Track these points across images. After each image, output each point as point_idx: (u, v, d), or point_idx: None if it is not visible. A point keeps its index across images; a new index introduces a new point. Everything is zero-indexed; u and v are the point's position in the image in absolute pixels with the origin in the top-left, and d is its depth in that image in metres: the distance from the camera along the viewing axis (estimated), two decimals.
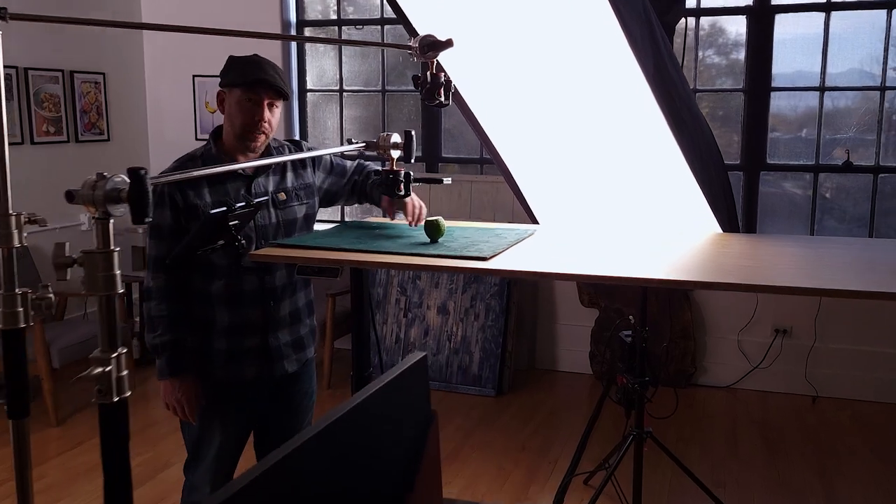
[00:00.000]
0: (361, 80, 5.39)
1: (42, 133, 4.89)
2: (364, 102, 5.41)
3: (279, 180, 2.28)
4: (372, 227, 2.35)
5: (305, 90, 5.47)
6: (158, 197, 2.15)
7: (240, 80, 2.13)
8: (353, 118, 5.43)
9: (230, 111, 2.17)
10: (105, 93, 5.32)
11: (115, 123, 5.41)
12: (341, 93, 5.39)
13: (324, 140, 5.52)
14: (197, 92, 5.53)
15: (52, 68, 4.92)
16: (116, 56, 5.39)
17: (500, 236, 2.20)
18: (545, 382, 4.86)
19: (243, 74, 2.12)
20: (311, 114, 5.51)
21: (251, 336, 2.25)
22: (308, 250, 2.00)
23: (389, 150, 2.03)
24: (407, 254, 1.94)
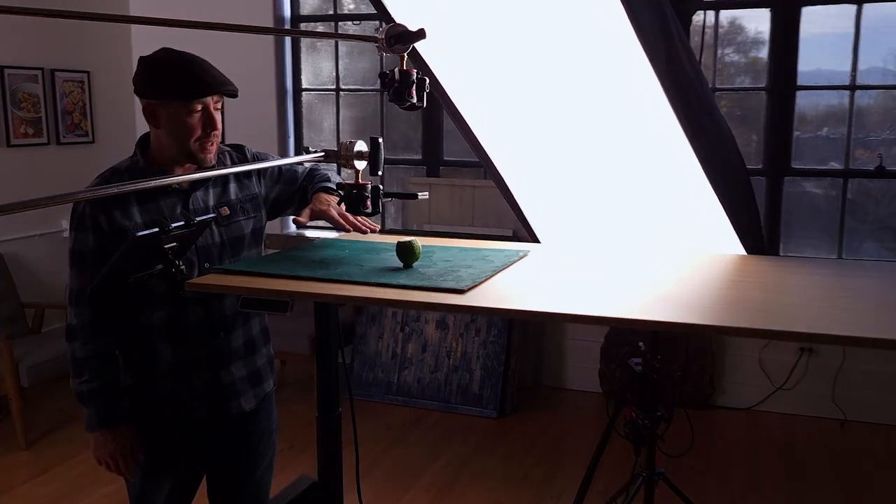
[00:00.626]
0: (358, 78, 5.09)
1: (20, 135, 4.63)
2: (361, 102, 5.12)
3: (220, 193, 1.99)
4: (340, 246, 2.05)
5: (300, 89, 5.19)
6: (79, 219, 1.86)
7: (183, 92, 1.81)
8: (349, 119, 5.14)
9: (171, 127, 1.84)
10: (90, 92, 5.05)
11: (101, 125, 5.15)
12: (338, 92, 5.10)
13: (319, 143, 5.23)
14: None
15: (31, 66, 4.66)
16: (102, 54, 5.12)
17: (486, 259, 1.89)
18: (551, 401, 4.54)
19: (182, 82, 1.81)
20: (305, 114, 5.22)
21: (200, 372, 1.96)
22: (257, 278, 1.70)
23: (353, 161, 1.72)
24: (371, 283, 1.63)
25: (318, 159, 1.71)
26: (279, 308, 1.60)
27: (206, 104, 1.84)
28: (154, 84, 1.84)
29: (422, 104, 1.69)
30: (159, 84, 1.83)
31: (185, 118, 1.83)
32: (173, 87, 1.81)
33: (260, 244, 2.08)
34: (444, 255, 1.95)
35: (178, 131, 1.84)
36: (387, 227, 5.05)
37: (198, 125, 1.84)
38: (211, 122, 1.86)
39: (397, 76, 1.62)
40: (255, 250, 2.05)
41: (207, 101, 1.85)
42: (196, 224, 1.72)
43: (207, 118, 1.86)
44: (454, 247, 2.05)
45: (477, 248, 2.04)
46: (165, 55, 1.87)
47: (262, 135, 5.07)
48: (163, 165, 1.91)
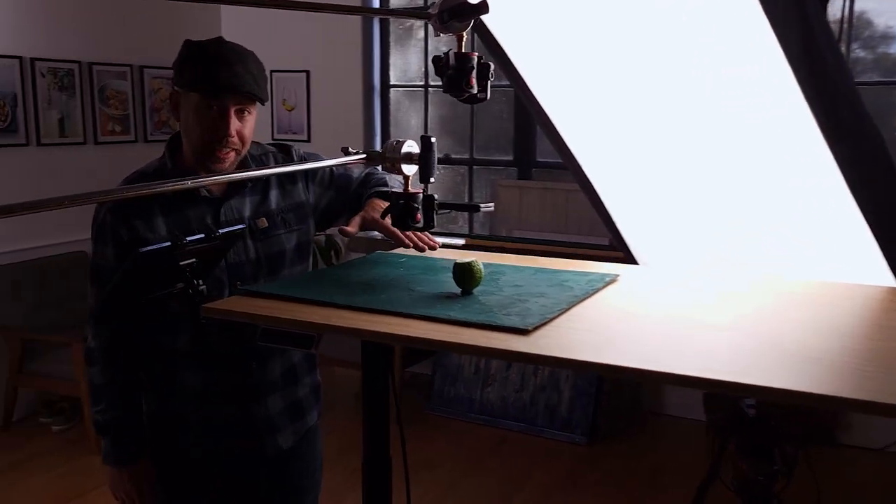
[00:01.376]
0: None
1: (107, 132, 4.59)
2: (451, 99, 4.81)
3: (259, 201, 1.73)
4: (396, 263, 1.75)
5: (388, 86, 4.95)
6: (98, 230, 1.67)
7: (198, 82, 1.59)
8: (437, 117, 4.86)
9: (186, 120, 1.64)
10: None
11: None
12: (426, 88, 4.83)
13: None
14: (274, 89, 5.11)
15: (119, 63, 4.61)
16: None
17: (564, 285, 1.55)
18: (649, 429, 4.12)
19: (203, 74, 1.59)
20: (392, 112, 4.98)
21: (229, 405, 1.71)
22: (284, 303, 1.42)
23: (400, 164, 1.42)
24: (417, 316, 1.33)
25: (357, 162, 1.41)
26: (302, 343, 1.32)
27: (223, 105, 1.60)
28: (181, 68, 1.63)
29: (484, 96, 1.37)
30: (185, 70, 1.62)
31: (199, 115, 1.61)
32: (193, 76, 1.60)
33: (306, 260, 1.81)
34: (513, 277, 1.63)
35: (190, 126, 1.63)
36: (475, 231, 4.74)
37: (209, 127, 1.61)
38: (223, 127, 1.61)
39: (452, 61, 1.30)
40: (300, 268, 1.79)
41: (226, 104, 1.61)
42: (218, 237, 1.46)
43: (221, 121, 1.61)
44: (528, 267, 1.72)
45: (555, 269, 1.70)
46: (209, 43, 1.64)
47: (346, 134, 4.86)
48: (193, 170, 1.69)
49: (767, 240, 2.05)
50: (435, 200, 1.45)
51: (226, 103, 1.59)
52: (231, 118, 1.60)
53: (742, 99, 1.78)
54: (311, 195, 1.81)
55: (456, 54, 1.31)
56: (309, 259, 1.83)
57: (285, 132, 5.14)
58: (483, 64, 1.34)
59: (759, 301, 1.51)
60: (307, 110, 5.04)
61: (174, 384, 1.71)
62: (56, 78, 4.26)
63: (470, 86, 1.32)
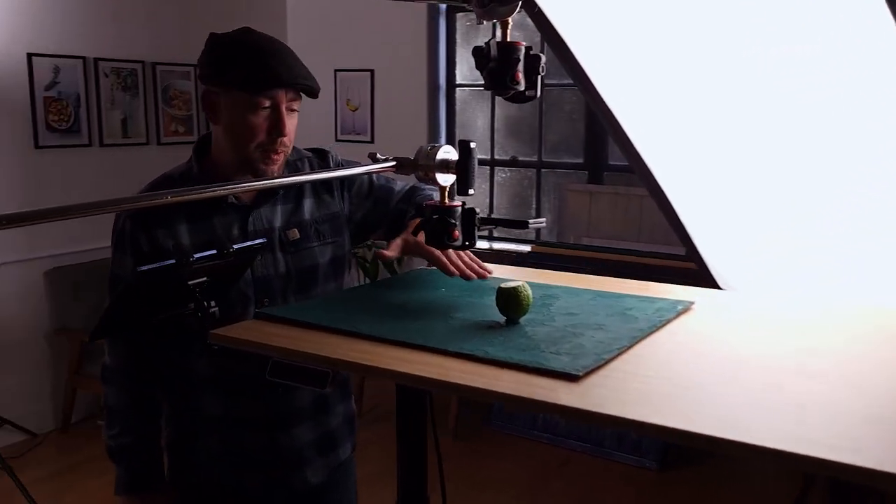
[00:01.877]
0: None
1: (170, 133, 4.55)
2: None
3: (292, 210, 1.58)
4: (437, 283, 1.55)
5: (454, 85, 4.77)
6: (118, 237, 1.54)
7: (248, 78, 1.43)
8: (504, 117, 4.65)
9: (230, 122, 1.48)
10: None
11: None
12: None
13: None
14: (338, 88, 5.00)
15: (183, 63, 4.56)
16: None
17: (627, 315, 1.33)
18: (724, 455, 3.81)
19: (252, 68, 1.43)
20: (458, 112, 4.79)
21: (253, 434, 1.56)
22: (303, 330, 1.25)
23: (435, 173, 1.22)
24: (449, 352, 1.13)
25: (387, 169, 1.23)
26: (315, 381, 1.14)
27: (276, 101, 1.45)
28: (218, 66, 1.46)
29: (534, 93, 1.16)
30: (224, 66, 1.45)
31: (248, 115, 1.45)
32: (239, 72, 1.43)
33: (341, 277, 1.64)
34: (568, 303, 1.41)
35: (237, 130, 1.47)
36: (541, 238, 4.52)
37: (262, 126, 1.45)
38: (278, 126, 1.46)
39: (494, 51, 1.10)
40: (334, 284, 1.62)
41: (279, 98, 1.45)
42: (232, 253, 1.30)
43: (276, 119, 1.46)
44: (586, 291, 1.50)
45: (618, 294, 1.48)
46: (240, 34, 1.49)
47: (410, 135, 4.70)
48: (221, 175, 1.53)
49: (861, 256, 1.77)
50: (477, 215, 1.25)
51: (279, 98, 1.44)
52: (284, 114, 1.46)
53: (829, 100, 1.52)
54: (347, 205, 1.64)
55: (498, 44, 1.11)
56: (344, 275, 1.66)
57: (349, 133, 5.02)
58: (532, 56, 1.14)
59: (867, 337, 1.25)
60: (371, 110, 4.90)
61: (194, 409, 1.57)
62: (119, 78, 4.24)
63: (515, 81, 1.11)
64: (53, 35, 3.90)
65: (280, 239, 1.55)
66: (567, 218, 4.26)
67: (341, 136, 5.04)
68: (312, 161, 1.65)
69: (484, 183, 4.74)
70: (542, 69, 1.14)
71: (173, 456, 1.61)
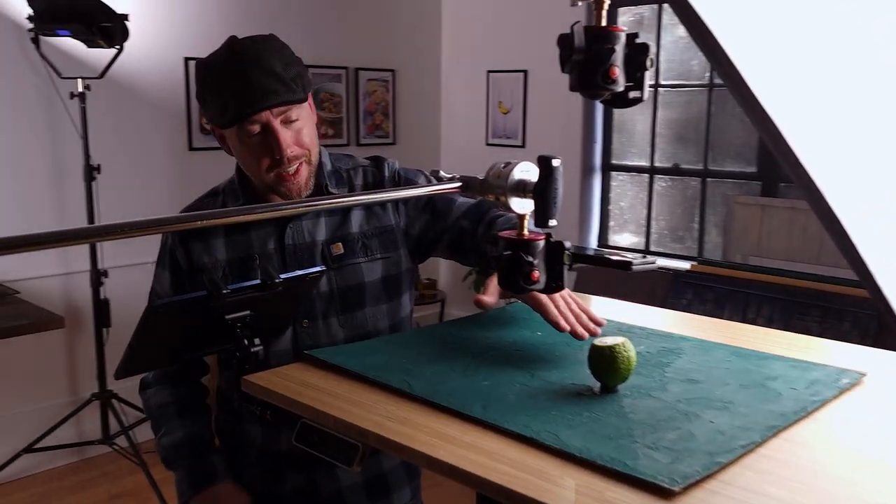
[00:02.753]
0: (683, 72, 4.16)
1: (320, 135, 4.52)
2: (685, 100, 4.18)
3: (338, 222, 1.41)
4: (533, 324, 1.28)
5: None
6: (161, 250, 1.46)
7: (223, 115, 1.30)
8: (668, 120, 4.24)
9: (236, 154, 1.38)
10: (394, 92, 4.83)
11: (403, 126, 4.91)
12: (656, 88, 4.23)
13: (628, 151, 4.41)
14: (490, 90, 4.80)
15: (335, 65, 4.53)
16: (409, 51, 4.87)
17: (768, 388, 1.00)
18: None
19: (222, 103, 1.29)
20: (616, 115, 4.43)
21: (292, 473, 1.39)
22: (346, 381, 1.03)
23: (508, 197, 0.95)
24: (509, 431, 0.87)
25: (452, 191, 0.98)
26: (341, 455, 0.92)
27: (264, 123, 1.30)
28: (202, 102, 1.35)
29: (639, 95, 0.87)
30: (205, 102, 1.34)
31: (243, 145, 1.32)
32: (215, 110, 1.31)
33: (396, 297, 1.43)
34: (692, 363, 1.10)
35: (244, 162, 1.36)
36: (704, 255, 4.06)
37: (261, 151, 1.31)
38: (275, 147, 1.30)
39: (580, 40, 0.82)
40: (386, 305, 1.42)
41: (265, 119, 1.30)
42: (279, 284, 1.11)
43: (270, 141, 1.31)
44: (720, 346, 1.18)
45: (762, 354, 1.14)
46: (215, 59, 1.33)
47: (563, 140, 4.41)
48: (260, 190, 1.42)
49: None
50: (566, 251, 0.97)
51: (263, 118, 1.29)
52: (279, 133, 1.30)
53: None
54: (403, 218, 1.45)
55: (587, 30, 0.83)
56: (402, 296, 1.45)
57: (499, 136, 4.80)
58: (637, 45, 0.85)
59: None
60: (523, 113, 4.65)
61: (238, 438, 1.44)
62: None
63: (610, 79, 0.83)
64: (210, 39, 3.96)
65: (323, 254, 1.39)
66: (734, 234, 3.79)
67: (492, 140, 4.83)
68: (367, 171, 1.48)
69: (642, 192, 4.35)
70: (649, 63, 0.85)
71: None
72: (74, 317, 3.51)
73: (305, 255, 1.38)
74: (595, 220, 4.54)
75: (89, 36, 3.09)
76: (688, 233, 4.20)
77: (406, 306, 1.45)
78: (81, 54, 3.33)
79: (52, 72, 3.22)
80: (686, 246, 4.20)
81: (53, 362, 3.52)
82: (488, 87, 4.81)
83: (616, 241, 4.50)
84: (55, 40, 3.23)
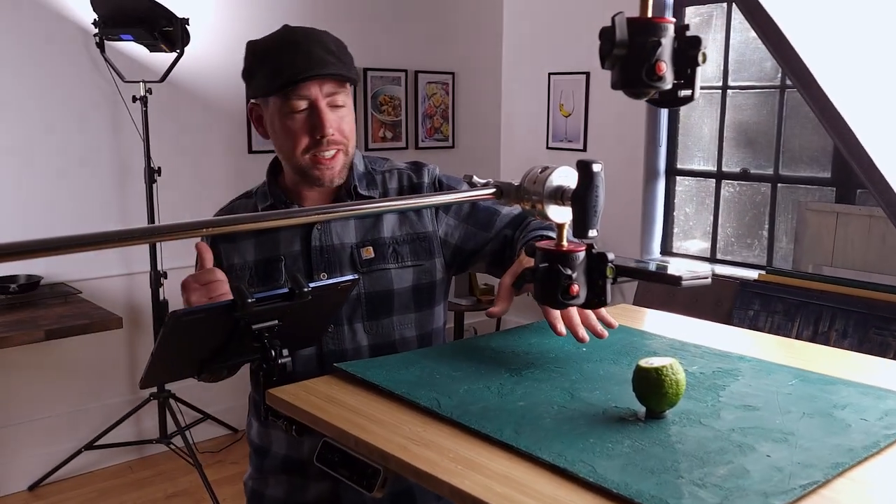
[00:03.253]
0: (753, 72, 3.99)
1: (378, 139, 4.52)
2: (755, 103, 4.01)
3: (370, 225, 1.36)
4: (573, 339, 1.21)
5: None
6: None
7: (272, 81, 1.27)
8: (736, 123, 4.07)
9: (273, 133, 1.33)
10: (453, 95, 4.78)
11: (462, 129, 4.86)
12: (724, 90, 4.07)
13: (693, 155, 4.25)
14: (551, 92, 4.70)
15: (394, 68, 4.51)
16: (469, 54, 4.82)
17: (835, 419, 0.91)
18: None
19: (273, 69, 1.26)
20: (682, 118, 4.29)
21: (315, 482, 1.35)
22: (373, 397, 0.98)
23: (544, 206, 0.88)
24: (543, 462, 0.80)
25: (486, 197, 0.91)
26: (361, 479, 0.86)
27: (311, 99, 1.27)
28: (248, 75, 1.32)
29: (690, 94, 0.79)
30: (252, 75, 1.31)
31: (286, 121, 1.28)
32: (264, 77, 1.28)
33: (427, 307, 1.38)
34: (750, 387, 1.01)
35: (281, 139, 1.32)
36: (774, 262, 3.89)
37: (302, 129, 1.28)
38: (319, 125, 1.27)
39: (622, 34, 0.75)
40: (415, 315, 1.36)
41: (313, 95, 1.26)
42: (308, 294, 1.06)
43: (314, 118, 1.27)
44: (785, 369, 1.08)
45: (831, 378, 1.04)
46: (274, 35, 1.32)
47: (626, 143, 4.29)
48: (290, 192, 1.39)
49: None
50: (609, 263, 0.90)
51: (312, 94, 1.26)
52: (324, 112, 1.27)
53: None
54: (441, 227, 1.38)
55: (630, 21, 0.75)
56: (436, 307, 1.40)
57: (560, 140, 4.70)
58: (688, 39, 0.77)
59: None
60: (585, 116, 4.54)
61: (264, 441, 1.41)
62: None
63: (656, 76, 0.75)
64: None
65: (352, 257, 1.34)
66: (806, 242, 3.61)
67: (552, 144, 4.74)
68: (404, 174, 1.42)
69: (708, 198, 4.19)
70: (701, 58, 0.77)
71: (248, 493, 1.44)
72: (135, 317, 3.57)
73: (333, 258, 1.34)
74: (658, 226, 4.39)
75: (151, 40, 3.14)
76: (756, 240, 4.03)
77: (438, 318, 1.40)
78: (144, 58, 3.38)
79: (115, 76, 3.28)
80: (755, 254, 4.02)
81: (114, 361, 3.59)
82: (549, 90, 4.71)
83: (680, 248, 4.34)
84: (119, 45, 3.29)
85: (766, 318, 3.46)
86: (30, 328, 2.74)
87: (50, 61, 3.24)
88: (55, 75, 3.25)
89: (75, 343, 3.17)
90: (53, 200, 3.30)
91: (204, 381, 1.15)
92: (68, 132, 3.32)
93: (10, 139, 3.18)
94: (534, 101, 4.80)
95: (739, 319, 3.53)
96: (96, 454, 3.44)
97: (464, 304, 4.35)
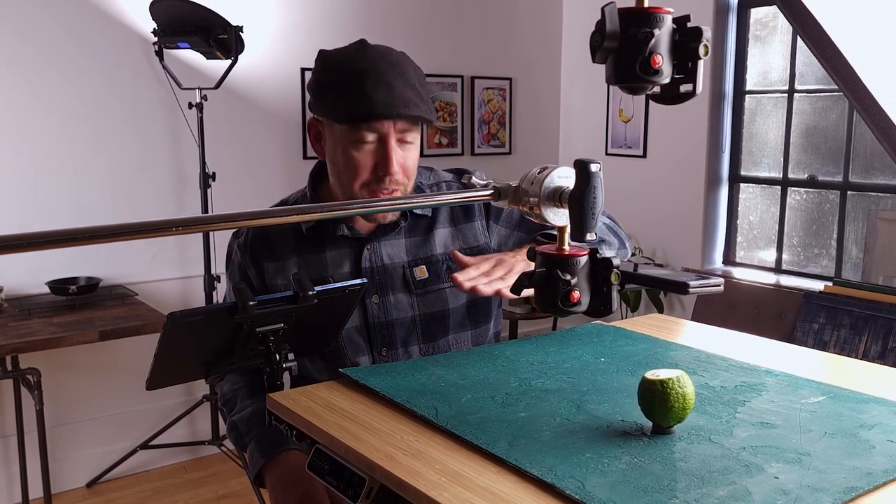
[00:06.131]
0: (821, 76, 3.82)
1: (433, 144, 4.51)
2: (822, 107, 3.84)
3: (420, 242, 1.31)
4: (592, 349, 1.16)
5: (743, 91, 4.13)
6: (228, 266, 1.40)
7: (345, 111, 1.21)
8: (803, 128, 3.91)
9: (333, 157, 1.27)
10: (510, 101, 4.74)
11: (519, 135, 4.81)
12: (790, 94, 3.91)
13: (760, 159, 4.10)
14: (611, 98, 4.61)
15: (450, 74, 4.50)
16: (528, 59, 4.77)
17: (859, 439, 0.84)
18: None
19: (350, 99, 1.20)
20: (745, 123, 4.14)
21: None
22: (373, 405, 0.95)
23: (541, 207, 0.84)
24: (531, 476, 0.76)
25: (483, 199, 0.88)
26: (347, 488, 0.83)
27: (382, 133, 1.21)
28: (319, 92, 1.26)
29: (691, 89, 0.74)
30: (323, 93, 1.25)
31: (351, 150, 1.22)
32: (335, 101, 1.21)
33: (484, 323, 1.32)
34: (772, 403, 0.94)
35: (340, 166, 1.25)
36: (843, 273, 3.70)
37: (366, 163, 1.22)
38: (385, 163, 1.21)
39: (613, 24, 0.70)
40: (471, 332, 1.31)
41: (385, 130, 1.21)
42: (313, 297, 1.04)
43: (382, 155, 1.22)
44: (811, 384, 1.01)
45: (861, 395, 0.97)
46: (351, 53, 1.25)
47: (687, 149, 4.17)
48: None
49: None
50: (614, 269, 0.85)
51: (384, 129, 1.20)
52: (392, 147, 1.21)
53: None
54: (494, 236, 1.32)
55: (622, 12, 0.71)
56: (490, 322, 1.34)
57: (619, 146, 4.60)
58: (689, 30, 0.72)
59: None
60: (645, 121, 4.44)
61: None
62: None
63: (652, 70, 0.70)
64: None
65: (405, 277, 1.29)
66: (876, 253, 3.43)
67: (611, 150, 4.64)
68: (452, 186, 1.36)
69: (773, 206, 4.03)
70: (703, 50, 0.71)
71: None
72: None
73: (385, 280, 1.29)
74: (720, 235, 4.25)
75: (207, 48, 3.20)
76: (824, 250, 3.85)
77: (491, 331, 1.35)
78: (200, 65, 3.45)
79: (173, 83, 3.35)
80: (822, 265, 3.85)
81: None
82: (609, 95, 4.63)
83: (744, 258, 4.19)
84: (176, 52, 3.37)
85: (832, 332, 3.30)
86: (85, 329, 2.82)
87: (112, 69, 3.34)
88: (116, 82, 3.35)
89: (132, 344, 3.25)
90: (112, 204, 3.40)
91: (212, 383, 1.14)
92: (128, 138, 3.42)
93: (72, 144, 3.29)
94: (593, 107, 4.72)
95: (803, 333, 3.38)
96: (151, 454, 3.52)
97: (518, 311, 4.29)
